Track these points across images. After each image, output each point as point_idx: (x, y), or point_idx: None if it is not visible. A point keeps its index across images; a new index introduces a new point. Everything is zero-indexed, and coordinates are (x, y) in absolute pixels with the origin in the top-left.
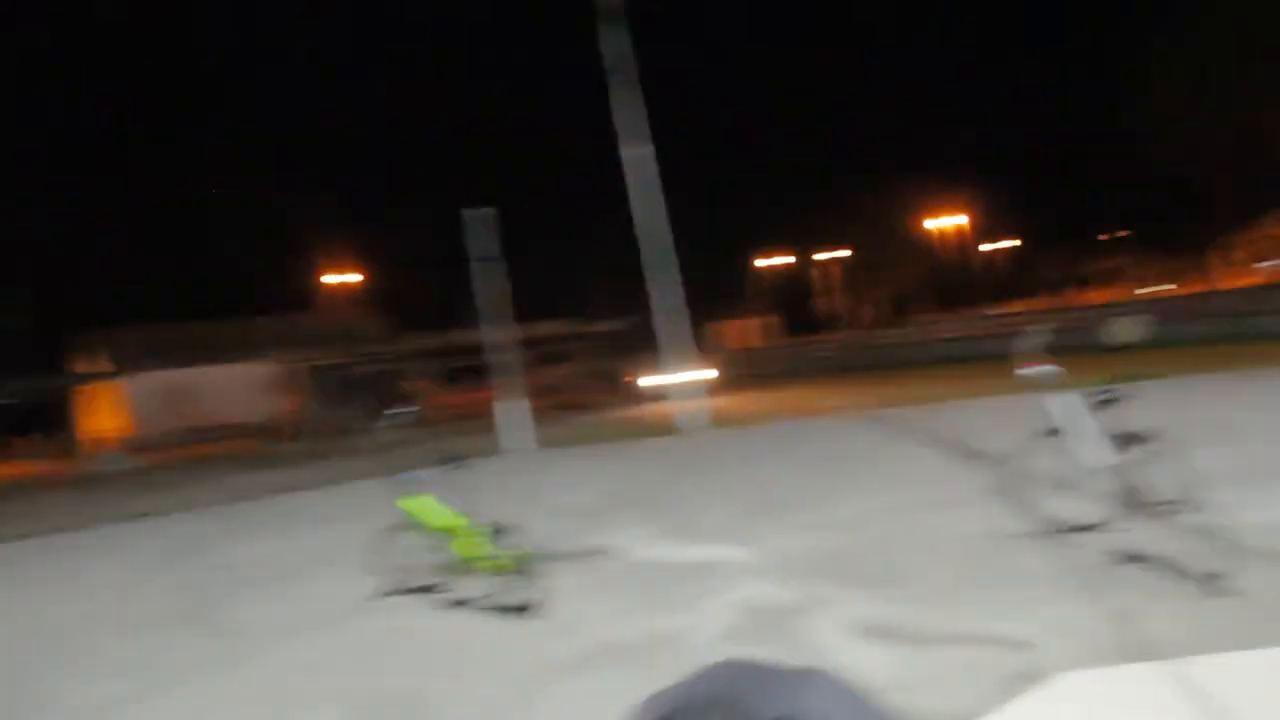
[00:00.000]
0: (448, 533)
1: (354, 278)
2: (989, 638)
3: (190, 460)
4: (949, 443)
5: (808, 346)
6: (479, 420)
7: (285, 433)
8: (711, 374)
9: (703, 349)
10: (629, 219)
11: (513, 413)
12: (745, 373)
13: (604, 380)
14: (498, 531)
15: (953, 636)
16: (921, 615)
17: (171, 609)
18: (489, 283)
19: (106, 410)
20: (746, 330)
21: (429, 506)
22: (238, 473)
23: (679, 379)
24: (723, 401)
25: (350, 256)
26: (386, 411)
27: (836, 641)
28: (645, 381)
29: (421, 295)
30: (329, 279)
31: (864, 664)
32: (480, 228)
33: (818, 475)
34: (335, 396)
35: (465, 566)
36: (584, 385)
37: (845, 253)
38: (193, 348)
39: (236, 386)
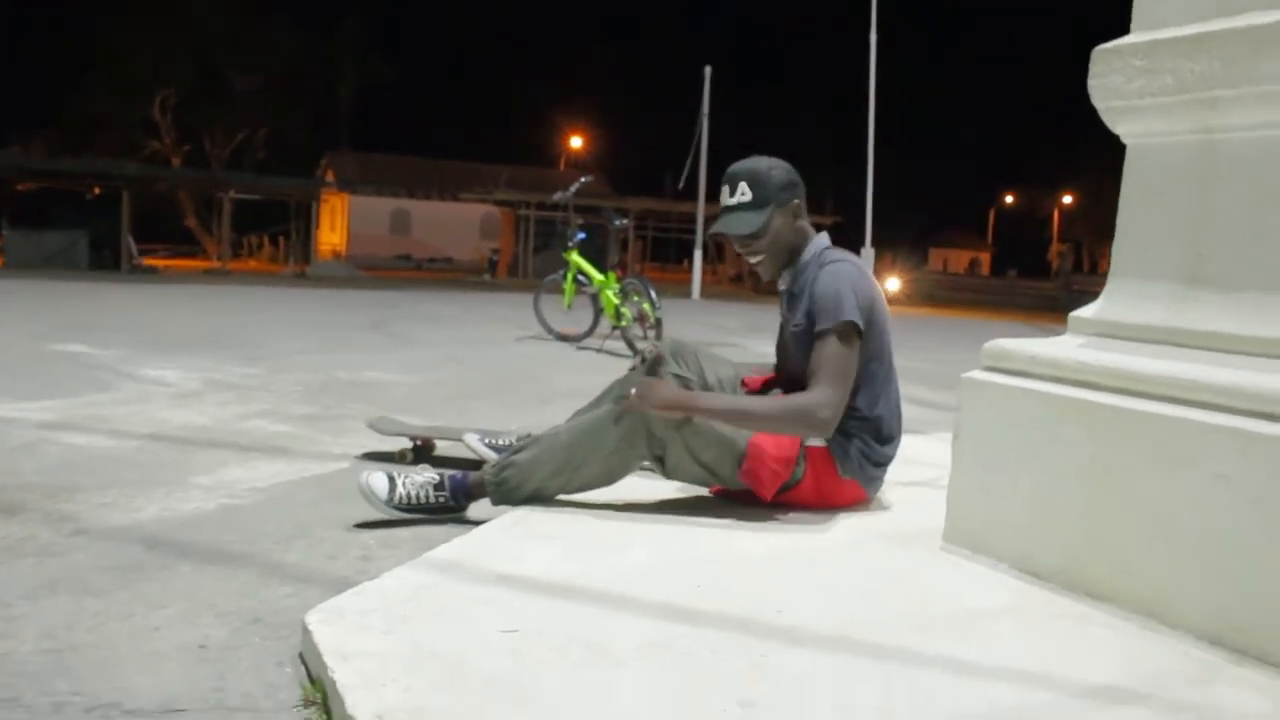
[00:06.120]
0: (601, 284)
1: (580, 141)
2: None
3: (401, 279)
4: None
5: (984, 281)
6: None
7: (492, 271)
8: (894, 284)
9: (909, 264)
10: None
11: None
12: (924, 290)
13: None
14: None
15: None
16: None
17: (365, 326)
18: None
19: (334, 227)
20: (956, 260)
21: (586, 261)
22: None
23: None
24: None
25: (591, 122)
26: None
27: None
28: None
29: (650, 167)
30: (572, 141)
31: None
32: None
33: None
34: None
35: (610, 313)
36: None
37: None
38: (421, 181)
39: (455, 223)
